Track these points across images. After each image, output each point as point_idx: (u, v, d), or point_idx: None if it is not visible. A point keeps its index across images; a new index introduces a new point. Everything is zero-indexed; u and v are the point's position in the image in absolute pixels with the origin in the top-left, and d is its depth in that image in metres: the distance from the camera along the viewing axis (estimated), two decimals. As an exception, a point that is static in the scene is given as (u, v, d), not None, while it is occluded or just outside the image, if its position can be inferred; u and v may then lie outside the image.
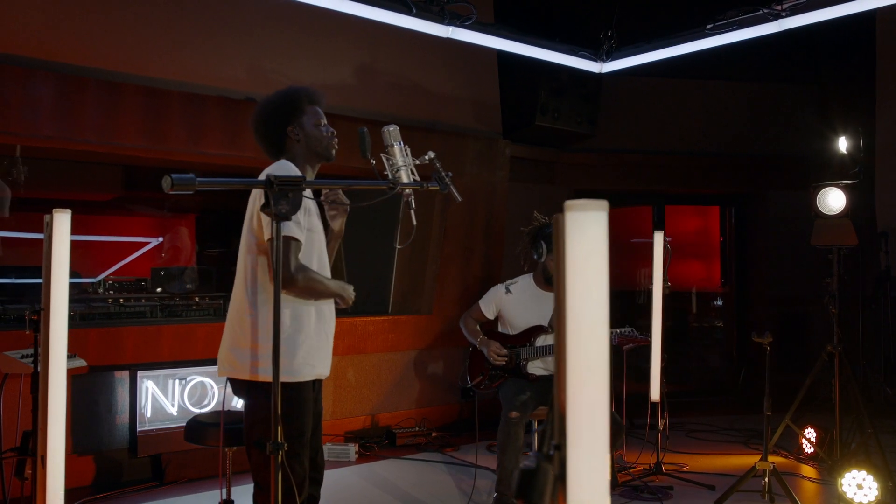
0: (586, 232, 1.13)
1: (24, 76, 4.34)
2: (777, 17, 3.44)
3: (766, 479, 4.32)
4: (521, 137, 6.84)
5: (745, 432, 6.25)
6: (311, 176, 2.93)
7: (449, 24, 3.49)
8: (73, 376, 4.58)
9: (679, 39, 3.82)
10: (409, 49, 6.06)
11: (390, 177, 2.77)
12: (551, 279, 4.03)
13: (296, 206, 2.28)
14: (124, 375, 4.80)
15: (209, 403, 5.05)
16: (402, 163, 2.78)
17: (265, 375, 2.65)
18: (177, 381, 4.94)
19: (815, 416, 5.56)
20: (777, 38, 6.86)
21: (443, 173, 2.77)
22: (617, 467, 4.99)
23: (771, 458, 4.29)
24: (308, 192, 2.90)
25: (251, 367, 2.67)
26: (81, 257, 7.72)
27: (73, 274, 7.51)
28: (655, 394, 4.82)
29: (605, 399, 1.12)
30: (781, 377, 6.32)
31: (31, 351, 3.18)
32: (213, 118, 5.06)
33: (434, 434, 5.95)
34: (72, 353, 3.43)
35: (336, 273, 7.44)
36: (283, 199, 2.25)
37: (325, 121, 2.93)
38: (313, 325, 2.79)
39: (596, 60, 4.11)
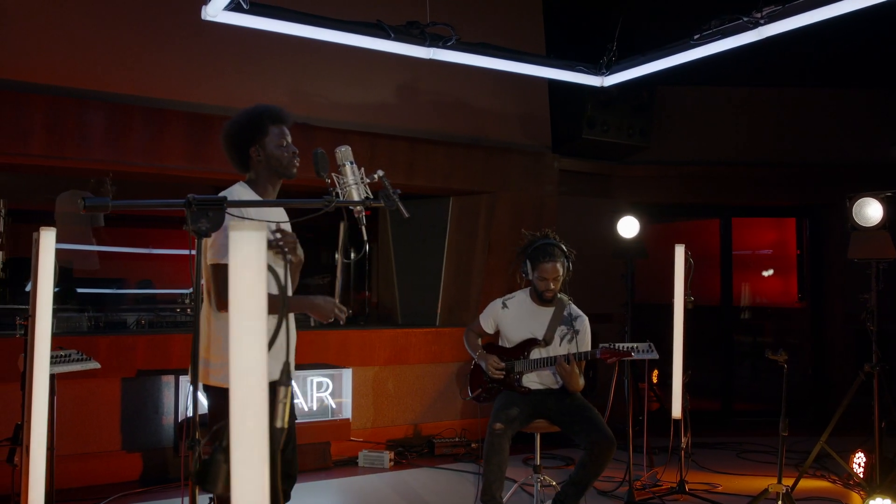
0: (240, 252, 1.24)
1: (77, 106, 4.81)
2: (756, 24, 3.36)
3: (780, 503, 4.14)
4: (572, 151, 6.84)
5: (803, 455, 5.94)
6: (272, 193, 3.10)
7: (430, 45, 3.60)
8: (123, 379, 5.00)
9: (670, 51, 3.77)
10: (452, 67, 6.21)
11: (340, 195, 2.91)
12: (541, 295, 4.05)
13: (216, 224, 2.46)
14: (170, 379, 5.17)
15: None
16: (353, 181, 2.90)
17: (216, 381, 2.86)
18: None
19: (870, 439, 5.25)
20: (848, 41, 6.55)
21: (390, 190, 2.88)
22: (639, 485, 4.92)
23: (815, 483, 4.11)
24: (277, 213, 3.11)
25: (206, 374, 2.89)
26: (161, 269, 8.34)
27: (146, 284, 8.12)
28: (677, 411, 4.71)
29: (262, 401, 1.23)
30: (866, 399, 5.97)
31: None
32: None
33: (473, 445, 6.03)
34: (87, 357, 3.78)
35: (386, 287, 7.59)
36: (202, 217, 2.43)
37: (287, 140, 3.09)
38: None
39: (597, 74, 4.10)
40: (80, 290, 7.42)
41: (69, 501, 4.47)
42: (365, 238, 3.02)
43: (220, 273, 2.81)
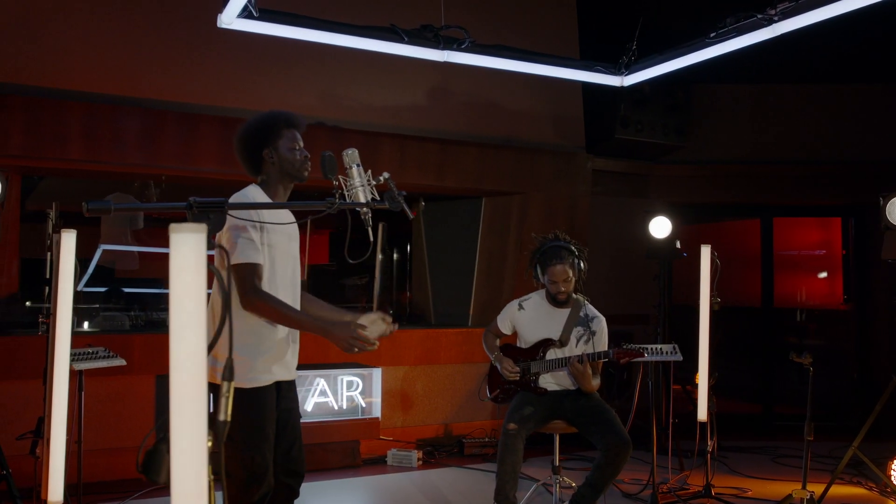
0: (179, 251, 1.29)
1: (111, 112, 4.98)
2: (770, 22, 3.30)
3: (804, 509, 4.06)
4: (606, 151, 6.80)
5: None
6: (284, 195, 3.16)
7: (444, 48, 3.63)
8: (157, 376, 5.15)
9: (687, 49, 3.73)
10: (484, 69, 6.23)
11: (347, 197, 2.95)
12: (554, 297, 4.04)
13: (218, 226, 2.53)
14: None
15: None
16: (359, 183, 2.95)
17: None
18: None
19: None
20: (888, 37, 6.35)
21: (395, 192, 2.92)
22: (665, 488, 4.87)
23: (850, 490, 4.02)
24: (283, 215, 3.17)
25: (213, 372, 2.96)
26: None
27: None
28: (703, 413, 4.65)
29: (200, 395, 1.27)
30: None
31: (77, 350, 3.69)
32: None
33: (504, 445, 6.03)
34: (114, 354, 3.92)
35: (420, 287, 7.62)
36: (203, 219, 2.51)
37: (300, 144, 3.15)
38: (277, 335, 3.00)
39: (616, 74, 4.08)
40: (126, 290, 7.68)
41: (102, 494, 4.63)
42: (371, 238, 3.06)
43: (241, 272, 2.88)
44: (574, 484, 4.10)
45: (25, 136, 4.73)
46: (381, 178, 3.08)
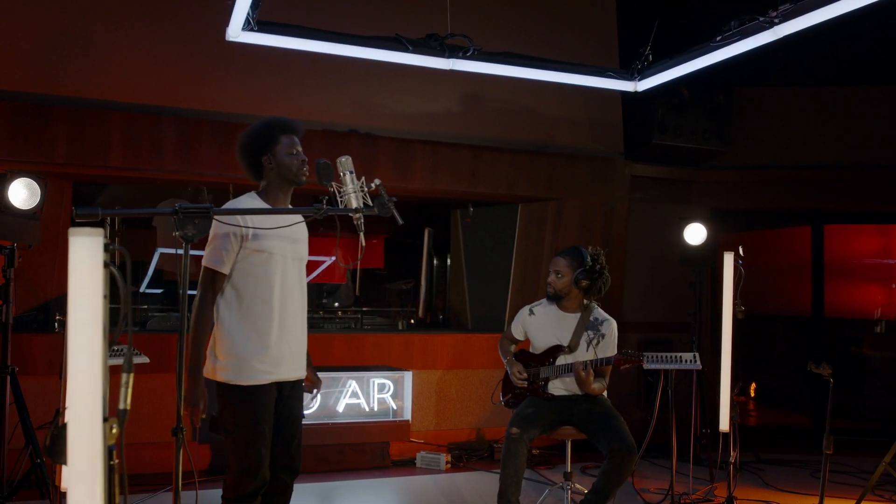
0: (78, 252, 1.39)
1: (150, 121, 5.22)
2: (772, 24, 3.24)
3: (821, 525, 3.94)
4: (645, 156, 6.72)
5: (887, 476, 5.57)
6: (284, 200, 3.27)
7: (449, 56, 3.69)
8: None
9: (694, 54, 3.69)
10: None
11: (339, 202, 3.04)
12: (547, 292, 4.06)
13: (203, 230, 2.66)
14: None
15: (313, 405, 5.57)
16: (352, 190, 3.04)
17: (224, 377, 3.07)
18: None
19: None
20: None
21: (385, 198, 3.00)
22: (689, 500, 4.79)
23: None
24: (286, 219, 3.27)
25: (213, 370, 3.10)
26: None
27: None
28: (725, 424, 4.55)
29: (97, 385, 1.37)
30: None
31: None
32: (315, 149, 5.64)
33: (536, 451, 6.03)
34: (138, 352, 4.11)
35: (457, 292, 7.66)
36: (188, 224, 2.64)
37: (298, 149, 3.26)
38: (274, 337, 3.12)
39: (630, 79, 4.06)
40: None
41: (142, 485, 4.84)
42: (363, 243, 3.14)
43: (202, 274, 3.06)
44: (586, 491, 4.08)
45: (70, 145, 5.00)
46: (373, 185, 3.16)
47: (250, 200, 3.18)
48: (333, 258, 9.48)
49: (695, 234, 5.73)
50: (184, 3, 5.29)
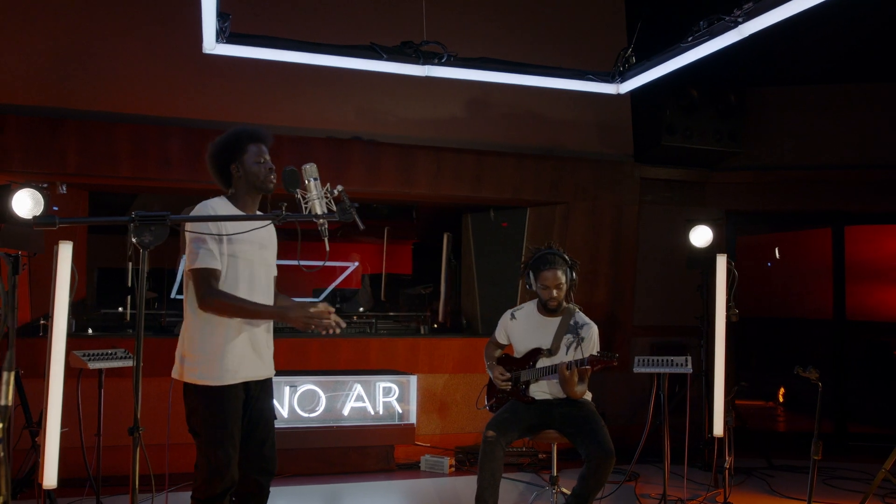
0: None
1: (157, 132, 5.38)
2: (736, 23, 3.21)
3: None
4: (655, 159, 6.65)
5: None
6: (252, 206, 3.36)
7: (424, 63, 3.74)
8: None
9: (668, 55, 3.67)
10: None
11: (304, 208, 3.11)
12: (546, 304, 4.04)
13: (159, 237, 2.75)
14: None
15: (318, 409, 5.66)
16: (315, 196, 3.11)
17: (191, 378, 3.16)
18: (288, 388, 5.64)
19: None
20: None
21: (347, 204, 3.06)
22: (683, 504, 4.73)
23: None
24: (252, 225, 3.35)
25: (181, 371, 3.19)
26: (295, 278, 8.95)
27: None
28: (718, 428, 4.49)
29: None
30: None
31: (92, 351, 4.03)
32: (319, 156, 5.74)
33: (541, 456, 6.01)
34: (130, 355, 4.25)
35: (468, 296, 7.67)
36: (145, 231, 2.73)
37: (265, 157, 3.33)
38: (238, 338, 3.19)
39: (611, 82, 4.05)
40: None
41: (121, 486, 4.92)
42: (328, 248, 3.20)
43: (198, 276, 3.11)
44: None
45: (80, 156, 5.19)
46: (336, 191, 3.23)
47: (222, 205, 3.26)
48: (356, 263, 9.63)
49: (701, 236, 5.65)
50: (187, 17, 5.44)
